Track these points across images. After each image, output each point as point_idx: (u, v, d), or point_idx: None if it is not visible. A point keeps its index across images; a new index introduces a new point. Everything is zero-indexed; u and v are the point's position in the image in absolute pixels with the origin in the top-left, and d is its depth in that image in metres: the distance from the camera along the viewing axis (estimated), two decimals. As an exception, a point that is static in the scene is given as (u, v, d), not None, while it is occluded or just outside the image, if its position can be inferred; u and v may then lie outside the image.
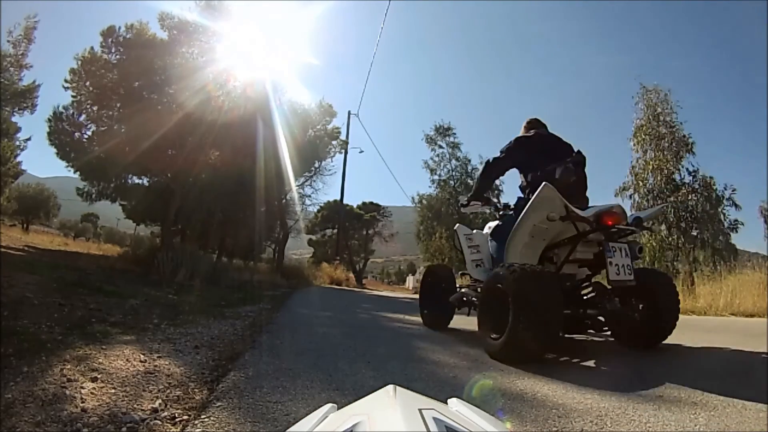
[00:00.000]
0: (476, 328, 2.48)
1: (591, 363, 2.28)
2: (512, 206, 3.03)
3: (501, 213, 3.18)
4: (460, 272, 4.27)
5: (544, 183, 2.31)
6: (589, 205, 2.57)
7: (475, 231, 3.41)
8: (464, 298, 3.16)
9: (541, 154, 2.75)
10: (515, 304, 2.06)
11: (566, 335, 2.78)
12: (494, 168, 2.90)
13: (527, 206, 2.46)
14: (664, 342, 2.49)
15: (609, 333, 2.68)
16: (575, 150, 2.79)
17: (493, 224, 3.17)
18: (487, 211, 3.69)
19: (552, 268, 2.53)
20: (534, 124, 3.06)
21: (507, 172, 2.95)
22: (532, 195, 2.41)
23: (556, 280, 2.30)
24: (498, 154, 2.86)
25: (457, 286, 3.46)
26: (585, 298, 2.60)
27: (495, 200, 3.34)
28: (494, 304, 2.27)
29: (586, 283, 2.65)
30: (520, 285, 2.09)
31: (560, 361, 2.29)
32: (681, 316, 2.51)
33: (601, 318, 2.56)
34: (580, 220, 2.34)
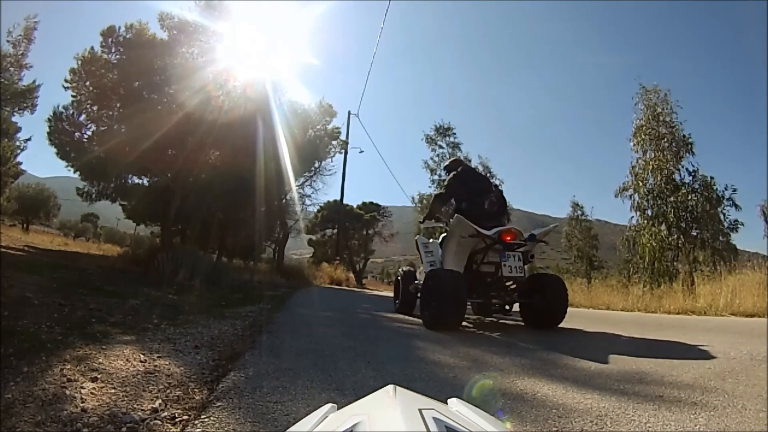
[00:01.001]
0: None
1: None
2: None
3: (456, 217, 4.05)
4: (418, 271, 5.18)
5: (456, 215, 3.59)
6: (508, 224, 3.76)
7: (431, 240, 4.48)
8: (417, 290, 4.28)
9: (468, 186, 3.95)
10: (436, 293, 3.25)
11: (485, 317, 4.41)
12: (440, 199, 4.26)
13: (450, 229, 3.77)
14: (563, 326, 3.55)
15: (521, 318, 3.82)
16: (491, 182, 4.27)
17: (442, 236, 4.20)
18: (441, 226, 4.73)
19: (474, 267, 3.62)
20: (458, 162, 4.40)
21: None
22: (460, 224, 3.51)
23: (460, 278, 3.35)
24: (441, 190, 4.23)
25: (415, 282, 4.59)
26: (492, 291, 3.73)
27: (444, 219, 4.46)
28: (427, 293, 3.48)
29: (496, 277, 3.60)
30: (436, 281, 3.31)
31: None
32: (680, 316, 2.58)
33: (506, 306, 4.02)
34: (485, 237, 3.40)
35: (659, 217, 10.22)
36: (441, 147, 19.84)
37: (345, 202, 19.24)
